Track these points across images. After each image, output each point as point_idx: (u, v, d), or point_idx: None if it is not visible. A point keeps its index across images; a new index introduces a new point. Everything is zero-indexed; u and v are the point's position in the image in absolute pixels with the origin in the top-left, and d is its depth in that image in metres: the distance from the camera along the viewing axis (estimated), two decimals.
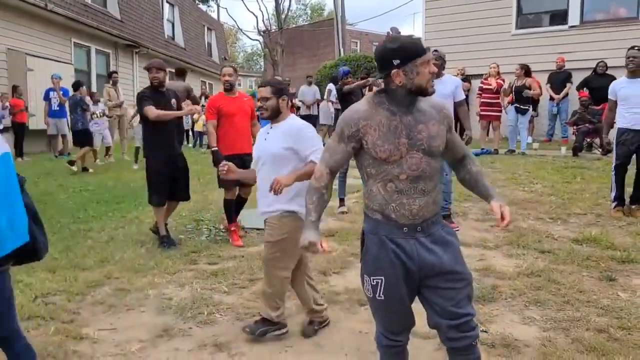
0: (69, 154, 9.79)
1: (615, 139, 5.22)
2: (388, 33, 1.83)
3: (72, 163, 8.80)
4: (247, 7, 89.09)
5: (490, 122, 10.01)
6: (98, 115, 10.06)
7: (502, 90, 9.57)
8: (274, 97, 2.85)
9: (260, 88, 2.93)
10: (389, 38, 1.90)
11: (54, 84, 10.59)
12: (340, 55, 20.07)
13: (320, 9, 46.25)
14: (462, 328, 1.92)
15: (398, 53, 1.83)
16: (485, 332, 2.85)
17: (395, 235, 1.90)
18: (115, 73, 11.55)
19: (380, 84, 1.94)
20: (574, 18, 11.05)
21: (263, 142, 2.90)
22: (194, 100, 8.95)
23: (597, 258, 3.98)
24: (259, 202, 2.91)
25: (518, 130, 9.37)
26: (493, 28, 11.51)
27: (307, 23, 40.36)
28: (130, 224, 5.38)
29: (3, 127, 10.23)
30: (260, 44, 37.73)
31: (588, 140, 9.28)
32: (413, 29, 63.15)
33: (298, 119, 2.97)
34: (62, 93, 10.68)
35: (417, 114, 1.91)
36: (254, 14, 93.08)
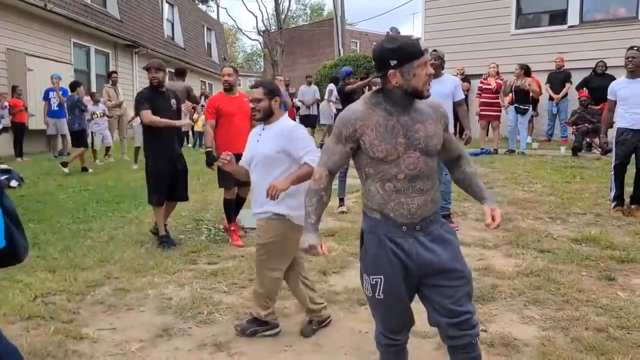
0: (69, 154, 9.78)
1: (615, 139, 5.22)
2: (388, 33, 1.83)
3: (65, 165, 8.67)
4: (246, 7, 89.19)
5: (490, 122, 10.02)
6: (98, 115, 10.06)
7: (501, 90, 9.58)
8: (266, 98, 2.83)
9: (253, 89, 2.89)
10: (388, 38, 1.90)
11: (54, 84, 10.58)
12: (340, 55, 20.06)
13: (320, 9, 46.30)
14: (461, 326, 1.92)
15: (396, 53, 1.83)
16: (485, 331, 2.85)
17: (394, 235, 1.91)
18: (115, 73, 11.55)
19: (379, 83, 1.94)
20: (574, 18, 11.05)
21: (255, 143, 2.89)
22: (194, 100, 8.96)
23: (596, 257, 3.99)
24: (252, 202, 2.94)
25: (518, 130, 9.37)
26: (492, 28, 11.50)
27: (306, 23, 40.39)
28: (130, 224, 5.38)
29: (2, 127, 10.23)
30: (260, 44, 37.79)
31: (587, 140, 9.28)
32: (413, 29, 63.20)
33: (289, 120, 2.94)
34: (61, 93, 10.67)
35: (414, 114, 1.92)
36: (254, 14, 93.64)
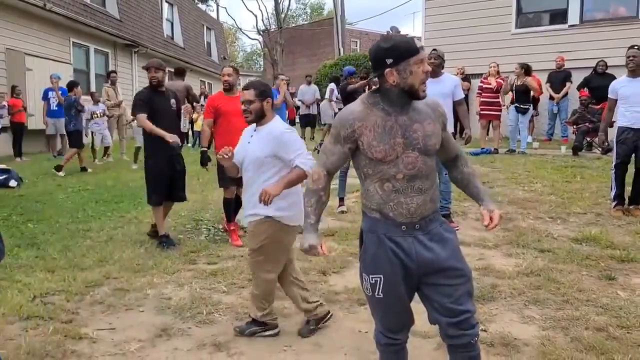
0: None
1: (616, 138, 5.22)
2: (388, 32, 1.81)
3: (59, 169, 8.53)
4: (246, 6, 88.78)
5: (490, 121, 10.01)
6: (99, 115, 10.06)
7: (502, 89, 9.57)
8: (258, 100, 2.80)
9: (244, 91, 2.86)
10: (383, 38, 1.89)
11: (53, 84, 10.57)
12: (340, 55, 20.04)
13: (320, 8, 46.25)
14: (461, 325, 1.92)
15: (391, 52, 1.83)
16: (485, 331, 2.85)
17: (394, 234, 1.90)
18: (114, 72, 11.54)
19: (377, 83, 1.94)
20: (574, 17, 11.04)
21: (246, 144, 2.88)
22: (194, 99, 8.99)
23: (596, 257, 3.98)
24: (243, 204, 2.94)
25: (518, 130, 9.36)
26: (493, 27, 11.49)
27: (306, 22, 40.36)
28: (129, 224, 5.37)
29: (2, 126, 10.22)
30: (260, 44, 37.77)
31: (588, 140, 9.27)
32: (413, 28, 63.15)
33: (281, 122, 2.89)
34: (60, 93, 10.65)
35: (412, 113, 1.91)
36: (254, 14, 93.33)
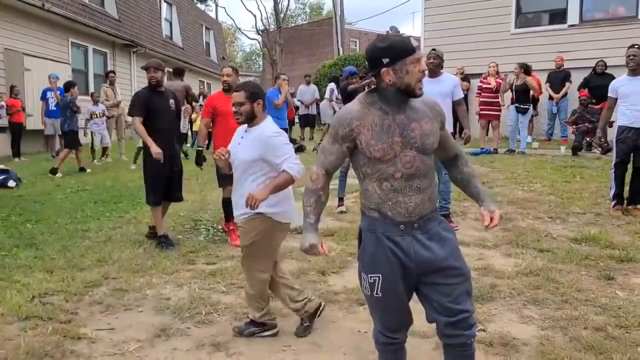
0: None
1: (615, 137, 5.22)
2: (387, 32, 1.82)
3: (54, 172, 8.46)
4: (245, 6, 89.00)
5: (490, 121, 10.01)
6: (98, 115, 10.06)
7: (501, 88, 9.57)
8: (248, 101, 2.80)
9: (235, 93, 2.85)
10: (379, 37, 1.90)
11: (51, 84, 10.55)
12: (340, 55, 20.04)
13: (319, 8, 46.25)
14: (459, 325, 1.92)
15: (388, 52, 1.84)
16: (484, 330, 2.85)
17: (392, 233, 1.91)
18: (112, 72, 11.53)
19: (374, 82, 1.94)
20: (573, 17, 11.05)
21: (237, 145, 2.88)
22: (193, 98, 8.99)
23: (595, 257, 3.98)
24: (232, 203, 2.94)
25: (518, 130, 9.36)
26: (492, 27, 11.50)
27: (305, 22, 40.35)
28: (128, 224, 5.36)
29: (0, 127, 10.20)
30: (259, 43, 37.75)
31: (587, 140, 9.27)
32: (412, 28, 63.23)
33: (271, 125, 2.86)
34: (59, 93, 10.63)
35: (409, 112, 1.92)
36: (253, 13, 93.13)
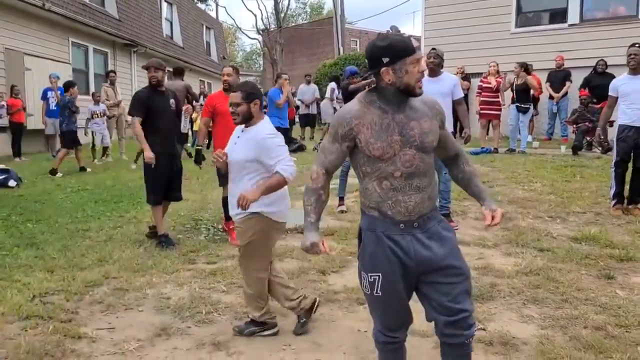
0: (68, 153, 9.74)
1: (616, 136, 5.23)
2: (388, 32, 1.83)
3: (53, 172, 8.44)
4: (245, 5, 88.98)
5: (490, 120, 10.01)
6: (99, 115, 10.07)
7: (501, 87, 9.57)
8: (245, 102, 2.81)
9: (232, 93, 2.87)
10: (380, 36, 1.90)
11: (52, 84, 10.55)
12: (340, 54, 20.05)
13: (320, 8, 46.25)
14: (458, 325, 1.92)
15: (388, 51, 1.84)
16: (484, 330, 2.85)
17: (392, 232, 1.91)
18: (113, 72, 11.54)
19: (374, 82, 1.95)
20: (574, 16, 11.04)
21: (233, 145, 2.89)
22: (193, 97, 9.03)
23: (595, 256, 3.98)
24: (229, 203, 2.95)
25: (518, 129, 9.36)
26: (493, 26, 11.49)
27: (306, 22, 40.34)
28: (129, 224, 5.37)
29: (1, 126, 10.20)
30: (260, 43, 37.75)
31: (588, 139, 9.27)
32: (413, 28, 63.25)
33: (267, 126, 2.86)
34: (59, 93, 10.63)
35: (408, 111, 1.92)
36: (253, 13, 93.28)
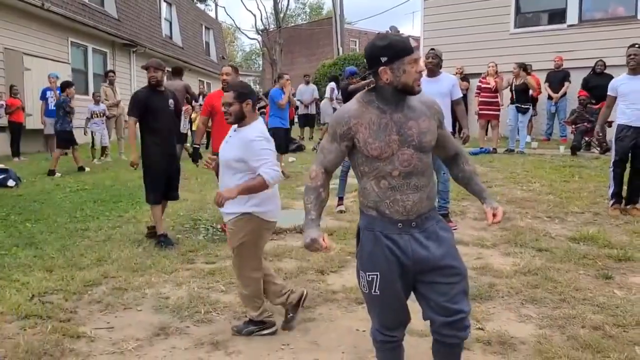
0: (66, 154, 9.73)
1: (615, 135, 5.24)
2: (387, 32, 1.85)
3: (52, 173, 8.40)
4: (245, 6, 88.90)
5: (489, 121, 10.02)
6: (99, 115, 10.07)
7: (500, 85, 9.58)
8: (237, 102, 2.82)
9: (225, 93, 2.89)
10: (379, 36, 1.92)
11: (51, 84, 10.54)
12: (339, 54, 20.05)
13: (319, 8, 46.23)
14: (455, 325, 1.93)
15: (386, 51, 1.86)
16: (482, 329, 2.86)
17: (390, 231, 1.92)
18: (112, 72, 11.53)
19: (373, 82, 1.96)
20: (573, 17, 11.05)
21: (225, 144, 2.91)
22: (193, 96, 9.05)
23: (594, 256, 3.99)
24: None
25: (517, 129, 9.37)
26: (491, 27, 11.50)
27: (305, 22, 40.35)
28: (128, 224, 5.37)
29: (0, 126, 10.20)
30: (259, 43, 37.74)
31: (586, 139, 9.29)
32: (412, 28, 63.28)
33: (258, 128, 2.86)
34: (58, 92, 10.61)
35: (407, 111, 1.93)
36: (252, 13, 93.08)
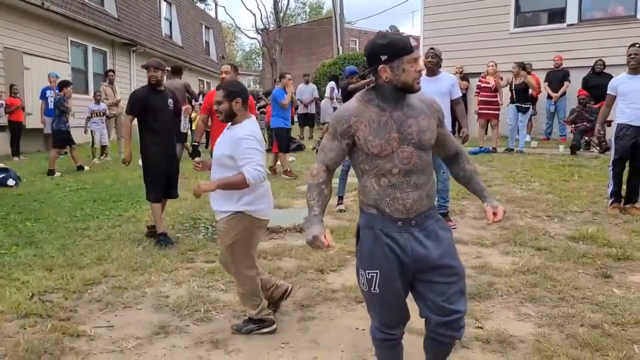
0: (65, 153, 9.75)
1: (614, 134, 5.25)
2: (387, 31, 1.87)
3: (51, 173, 8.39)
4: (245, 5, 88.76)
5: (489, 120, 10.03)
6: (99, 114, 10.07)
7: (500, 84, 9.59)
8: (226, 100, 2.85)
9: (216, 92, 2.94)
10: (379, 34, 1.93)
11: (51, 83, 10.54)
12: (339, 54, 20.06)
13: (319, 7, 46.26)
14: (450, 325, 1.95)
15: (386, 49, 1.87)
16: (481, 328, 2.87)
17: (390, 230, 1.92)
18: (112, 71, 11.53)
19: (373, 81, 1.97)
20: (572, 16, 11.06)
21: (218, 142, 2.95)
22: (193, 95, 9.05)
23: (593, 255, 4.00)
24: (210, 201, 2.96)
25: (517, 129, 9.38)
26: (491, 26, 11.51)
27: (305, 21, 40.35)
28: (127, 223, 5.37)
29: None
30: (259, 43, 37.74)
31: (586, 139, 9.30)
32: (412, 28, 63.30)
33: (248, 127, 2.86)
34: (57, 92, 10.60)
35: (406, 109, 1.94)
36: (252, 12, 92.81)
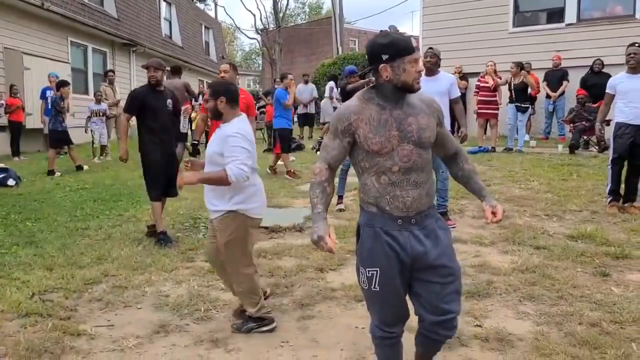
0: (65, 153, 9.75)
1: (613, 133, 5.27)
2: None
3: (51, 173, 8.40)
4: (244, 5, 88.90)
5: (488, 120, 10.04)
6: (98, 114, 10.08)
7: (499, 82, 9.60)
8: (211, 99, 2.91)
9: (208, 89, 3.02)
10: (381, 33, 1.95)
11: (51, 83, 10.54)
12: (339, 54, 20.07)
13: (319, 7, 46.27)
14: (444, 325, 1.97)
15: (388, 48, 1.88)
16: (480, 326, 2.88)
17: (390, 228, 1.94)
18: (111, 72, 11.55)
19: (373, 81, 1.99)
20: (571, 16, 11.08)
21: (211, 140, 3.00)
22: (192, 95, 9.06)
23: (591, 254, 4.01)
24: (205, 200, 2.98)
25: (516, 128, 9.39)
26: (490, 26, 11.53)
27: (305, 21, 40.36)
28: (128, 222, 5.38)
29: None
30: (258, 43, 37.75)
31: (585, 138, 9.32)
32: (411, 27, 63.30)
33: (237, 125, 2.87)
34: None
35: (406, 108, 1.96)
36: (252, 13, 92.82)
